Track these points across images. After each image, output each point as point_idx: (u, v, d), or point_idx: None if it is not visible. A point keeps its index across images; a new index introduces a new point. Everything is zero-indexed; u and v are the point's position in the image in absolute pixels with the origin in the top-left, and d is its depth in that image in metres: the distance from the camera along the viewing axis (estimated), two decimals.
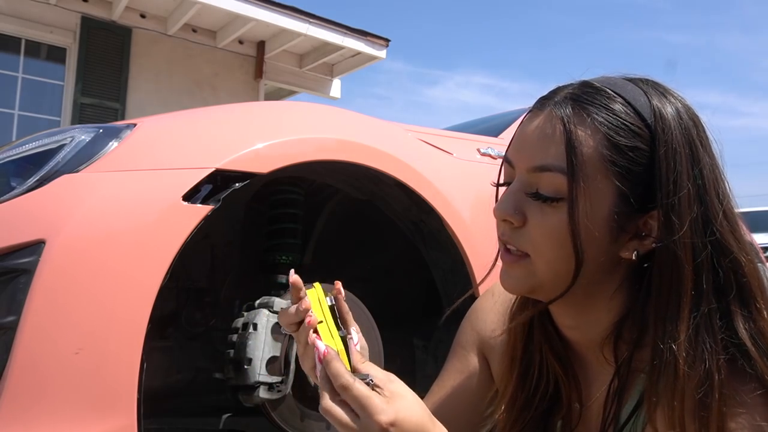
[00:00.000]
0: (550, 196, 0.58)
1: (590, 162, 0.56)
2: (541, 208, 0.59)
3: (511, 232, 0.61)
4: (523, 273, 0.61)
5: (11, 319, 0.92)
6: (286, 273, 1.44)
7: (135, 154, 1.11)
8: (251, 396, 1.25)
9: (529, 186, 0.60)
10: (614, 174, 0.57)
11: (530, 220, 0.59)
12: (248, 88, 6.95)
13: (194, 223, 1.07)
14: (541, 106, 0.61)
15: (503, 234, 0.63)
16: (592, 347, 0.65)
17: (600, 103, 0.58)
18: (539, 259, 0.60)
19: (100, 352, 0.96)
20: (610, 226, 0.57)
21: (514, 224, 0.61)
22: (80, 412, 0.94)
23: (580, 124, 0.57)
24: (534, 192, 0.59)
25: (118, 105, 6.01)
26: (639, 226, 0.58)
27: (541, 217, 0.59)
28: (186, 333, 1.45)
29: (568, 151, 0.56)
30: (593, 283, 0.60)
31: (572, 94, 0.60)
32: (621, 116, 0.57)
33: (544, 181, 0.58)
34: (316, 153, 1.28)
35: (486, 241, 1.53)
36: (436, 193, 1.44)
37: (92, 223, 1.00)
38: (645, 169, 0.57)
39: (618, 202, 0.57)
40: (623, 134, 0.57)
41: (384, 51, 6.93)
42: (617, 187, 0.57)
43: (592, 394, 0.66)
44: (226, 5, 5.91)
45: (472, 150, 1.72)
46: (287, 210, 1.47)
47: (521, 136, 0.62)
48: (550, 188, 0.58)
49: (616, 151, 0.57)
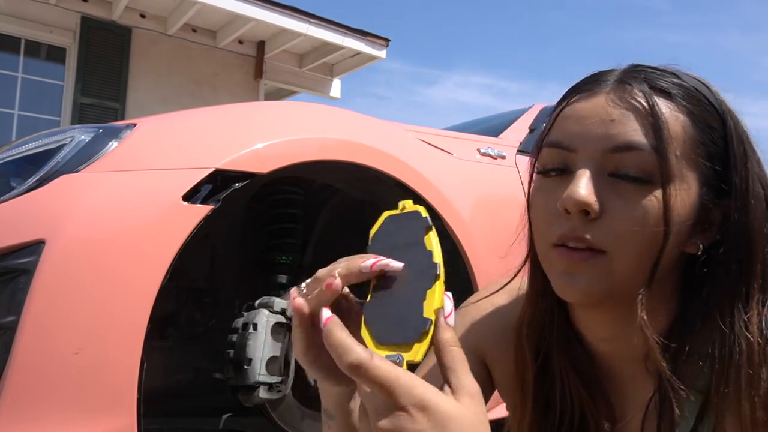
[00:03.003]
0: (638, 177, 0.50)
1: (678, 139, 0.51)
2: (622, 194, 0.50)
3: (584, 226, 0.51)
4: (598, 273, 0.51)
5: (11, 319, 0.92)
6: (286, 273, 1.44)
7: (135, 154, 1.11)
8: (251, 396, 1.25)
9: (605, 169, 0.51)
10: (701, 156, 0.51)
11: (611, 209, 0.50)
12: (248, 88, 6.95)
13: (194, 223, 1.07)
14: (596, 86, 0.54)
15: (572, 229, 0.51)
16: (629, 360, 0.57)
17: (671, 82, 0.53)
18: (620, 253, 0.50)
19: (100, 352, 0.96)
20: (694, 215, 0.52)
21: (591, 215, 0.50)
22: (80, 412, 0.94)
23: (664, 98, 0.52)
24: (615, 174, 0.51)
25: (118, 105, 6.01)
26: (711, 216, 0.53)
27: (624, 204, 0.50)
28: (186, 333, 1.45)
29: (657, 126, 0.50)
30: (659, 282, 0.53)
31: (637, 71, 0.54)
32: (695, 94, 0.53)
33: (627, 162, 0.50)
34: (316, 153, 1.28)
35: (486, 240, 1.53)
36: (436, 193, 1.44)
37: (92, 223, 1.00)
38: (722, 151, 0.52)
39: (702, 187, 0.52)
40: (703, 113, 0.52)
41: (384, 51, 6.93)
42: (702, 170, 0.52)
43: (627, 411, 0.59)
44: (226, 5, 5.91)
45: (472, 150, 1.72)
46: (287, 210, 1.47)
47: (580, 115, 0.54)
48: (635, 169, 0.50)
49: (699, 130, 0.52)
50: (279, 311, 1.29)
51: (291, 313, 1.30)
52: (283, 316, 1.29)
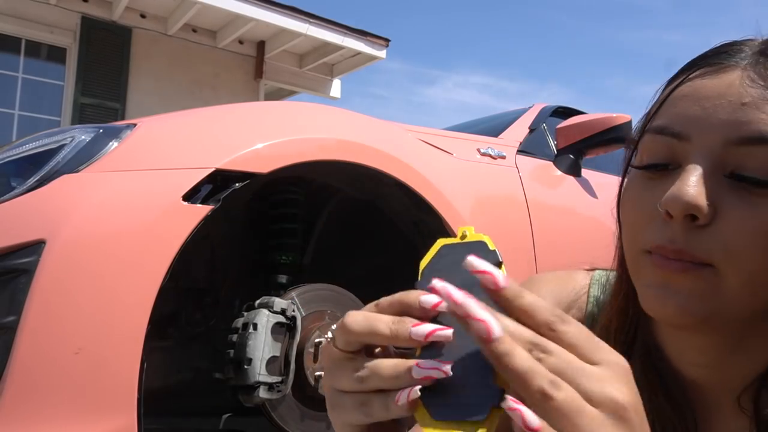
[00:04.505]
0: (765, 180, 0.40)
1: None
2: (745, 198, 0.40)
3: (689, 234, 0.41)
4: (702, 290, 0.41)
5: (11, 319, 0.92)
6: (286, 273, 1.44)
7: (135, 154, 1.11)
8: (251, 396, 1.25)
9: (726, 166, 0.41)
10: None
11: (725, 215, 0.40)
12: (248, 88, 6.95)
13: (194, 223, 1.07)
14: (727, 58, 0.44)
15: (673, 239, 0.41)
16: (722, 391, 0.48)
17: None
18: (731, 270, 0.40)
19: (100, 352, 0.96)
20: None
21: (700, 220, 0.41)
22: (80, 412, 0.94)
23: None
24: (735, 174, 0.41)
25: (118, 105, 6.02)
26: None
27: (746, 211, 0.40)
28: (186, 333, 1.45)
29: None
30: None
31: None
32: None
33: (754, 158, 0.40)
34: (316, 153, 1.28)
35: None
36: (436, 193, 1.44)
37: (92, 223, 1.00)
38: None
39: None
40: None
41: (384, 51, 6.94)
42: None
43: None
44: (226, 5, 5.91)
45: (472, 150, 1.72)
46: (287, 210, 1.47)
47: (703, 95, 0.43)
48: (764, 168, 0.40)
49: None
50: (279, 311, 1.29)
51: (291, 314, 1.30)
52: (283, 316, 1.29)
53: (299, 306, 1.34)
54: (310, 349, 1.31)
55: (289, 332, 1.30)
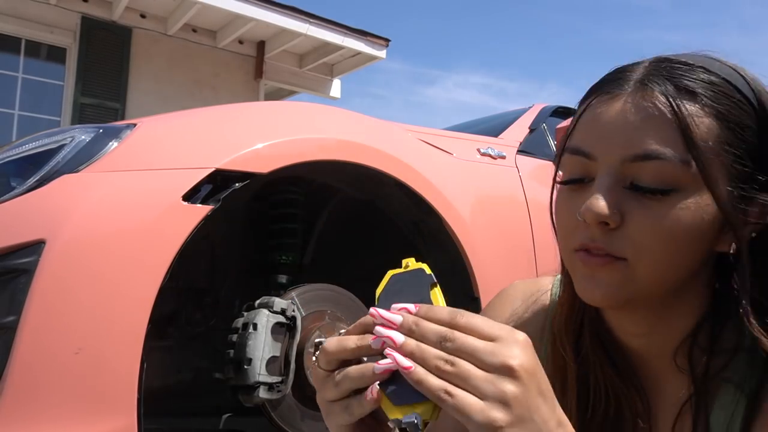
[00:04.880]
0: (657, 188, 0.49)
1: (707, 144, 0.49)
2: (644, 203, 0.50)
3: (604, 236, 0.51)
4: (619, 279, 0.51)
5: (11, 319, 0.92)
6: (286, 273, 1.44)
7: (135, 154, 1.11)
8: (251, 396, 1.25)
9: (625, 178, 0.50)
10: (729, 158, 0.49)
11: (630, 219, 0.50)
12: (248, 88, 6.95)
13: (194, 223, 1.07)
14: (618, 87, 0.52)
15: (593, 239, 0.51)
16: (660, 355, 0.57)
17: (699, 79, 0.50)
18: (642, 262, 0.50)
19: (99, 352, 0.96)
20: (723, 218, 0.50)
21: (611, 225, 0.50)
22: (80, 412, 0.94)
23: (688, 100, 0.49)
24: (633, 185, 0.50)
25: (118, 105, 6.01)
26: (748, 213, 0.52)
27: (645, 214, 0.49)
28: (186, 333, 1.45)
29: (683, 133, 0.48)
30: (684, 282, 0.53)
31: (662, 69, 0.52)
32: (725, 91, 0.50)
33: (647, 172, 0.49)
34: (316, 153, 1.28)
35: (486, 240, 1.53)
36: (436, 193, 1.44)
37: (92, 223, 1.00)
38: (755, 149, 0.51)
39: (731, 188, 0.50)
40: (733, 111, 0.50)
41: (384, 51, 6.94)
42: (731, 171, 0.50)
43: (659, 407, 0.58)
44: (226, 5, 5.91)
45: (472, 150, 1.72)
46: (287, 210, 1.47)
47: (601, 122, 0.52)
48: (656, 179, 0.49)
49: (729, 131, 0.50)
50: (279, 311, 1.29)
51: (291, 314, 1.30)
52: (283, 316, 1.29)
53: (299, 306, 1.34)
54: (310, 349, 1.31)
55: (289, 332, 1.30)
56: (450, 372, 0.39)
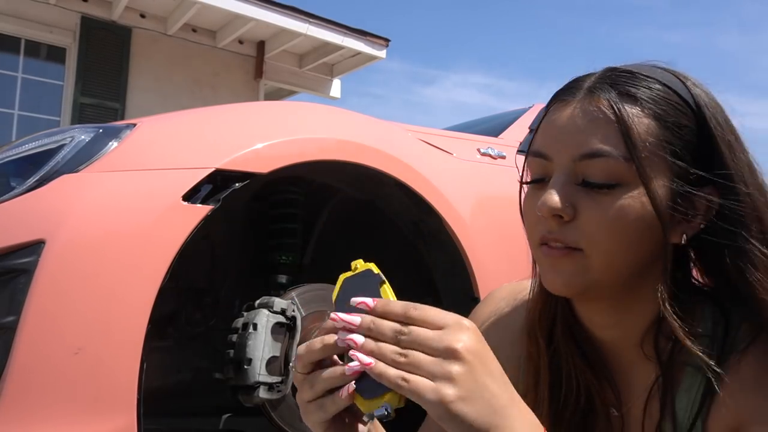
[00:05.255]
0: (604, 183, 0.54)
1: (645, 142, 0.54)
2: (593, 198, 0.55)
3: (560, 228, 0.56)
4: (576, 268, 0.56)
5: (11, 319, 0.92)
6: (286, 273, 1.44)
7: (135, 154, 1.11)
8: (251, 396, 1.25)
9: (577, 176, 0.56)
10: (668, 154, 0.55)
11: (582, 212, 0.55)
12: (248, 88, 6.95)
13: (194, 223, 1.07)
14: (570, 95, 0.59)
15: (550, 231, 0.57)
16: (628, 345, 0.62)
17: (640, 85, 0.56)
18: (595, 251, 0.55)
19: (100, 352, 0.96)
20: (669, 210, 0.55)
21: (565, 218, 0.56)
22: (80, 412, 0.94)
23: (628, 103, 0.55)
24: (582, 181, 0.56)
25: (118, 105, 6.01)
26: (693, 207, 0.56)
27: (595, 207, 0.55)
28: (186, 333, 1.45)
29: (623, 132, 0.54)
30: (641, 272, 0.57)
31: (608, 78, 0.58)
32: (664, 95, 0.56)
33: (594, 168, 0.55)
34: (316, 153, 1.28)
35: (486, 240, 1.53)
36: (436, 193, 1.44)
37: (92, 223, 1.00)
38: (694, 147, 0.56)
39: (675, 182, 0.55)
40: (671, 113, 0.56)
41: (384, 51, 6.93)
42: (672, 169, 0.55)
43: (630, 395, 0.62)
44: (226, 5, 5.91)
45: (472, 150, 1.72)
46: (287, 210, 1.47)
47: (554, 126, 0.58)
48: (603, 174, 0.54)
49: (667, 131, 0.55)
50: (279, 311, 1.29)
51: (291, 314, 1.30)
52: (283, 316, 1.29)
53: (299, 306, 1.34)
54: None
55: (289, 332, 1.30)
56: (404, 362, 0.44)
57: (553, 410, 0.63)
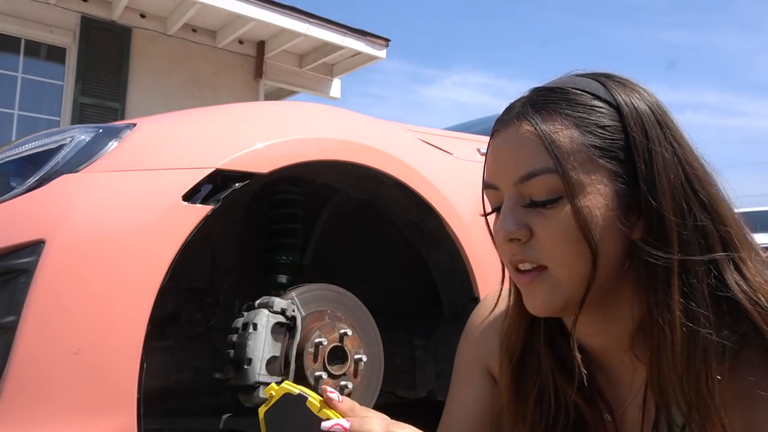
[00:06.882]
0: (548, 199, 0.57)
1: (573, 151, 0.56)
2: (543, 214, 0.57)
3: (521, 249, 0.59)
4: (548, 288, 0.58)
5: (11, 319, 0.92)
6: (286, 273, 1.44)
7: (135, 154, 1.11)
8: (251, 396, 1.25)
9: (522, 198, 0.59)
10: (600, 156, 0.57)
11: (537, 230, 0.58)
12: (248, 88, 6.95)
13: (194, 223, 1.07)
14: (503, 125, 0.61)
15: (513, 254, 0.60)
16: (617, 349, 0.63)
17: (558, 98, 0.59)
18: (557, 265, 0.57)
19: (99, 352, 0.96)
20: (618, 210, 0.57)
21: (522, 240, 0.58)
22: (80, 412, 0.94)
23: (548, 120, 0.58)
24: (530, 201, 0.58)
25: (118, 105, 6.01)
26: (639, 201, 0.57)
27: (546, 223, 0.57)
28: (186, 333, 1.45)
29: (548, 149, 0.56)
30: (614, 277, 0.58)
31: (528, 100, 0.60)
32: (581, 101, 0.58)
33: (535, 187, 0.57)
34: (316, 153, 1.28)
35: (486, 241, 1.53)
36: (436, 193, 1.44)
37: (92, 223, 1.00)
38: (621, 145, 0.57)
39: (615, 182, 0.57)
40: (590, 116, 0.57)
41: (384, 51, 6.94)
42: (607, 169, 0.57)
43: (624, 398, 0.63)
44: (226, 5, 5.91)
45: (472, 150, 1.72)
46: (287, 210, 1.47)
47: (495, 156, 0.62)
48: (544, 191, 0.57)
49: (590, 135, 0.57)
50: (279, 311, 1.29)
51: (291, 314, 1.30)
52: (283, 316, 1.29)
53: (299, 306, 1.34)
54: (310, 349, 1.31)
55: (289, 332, 1.30)
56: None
57: (543, 428, 0.64)
